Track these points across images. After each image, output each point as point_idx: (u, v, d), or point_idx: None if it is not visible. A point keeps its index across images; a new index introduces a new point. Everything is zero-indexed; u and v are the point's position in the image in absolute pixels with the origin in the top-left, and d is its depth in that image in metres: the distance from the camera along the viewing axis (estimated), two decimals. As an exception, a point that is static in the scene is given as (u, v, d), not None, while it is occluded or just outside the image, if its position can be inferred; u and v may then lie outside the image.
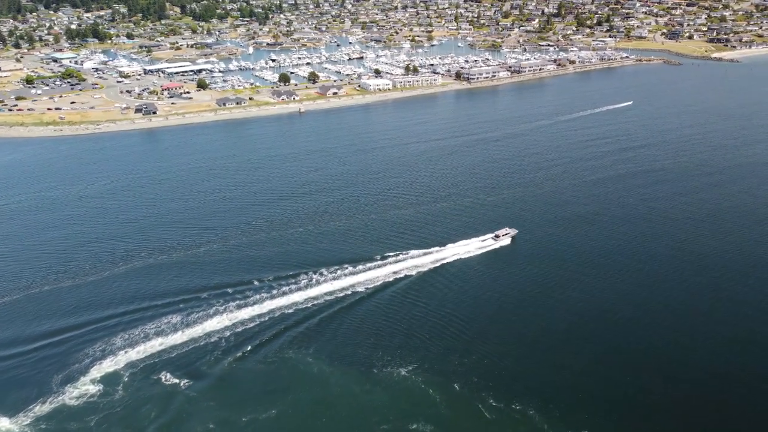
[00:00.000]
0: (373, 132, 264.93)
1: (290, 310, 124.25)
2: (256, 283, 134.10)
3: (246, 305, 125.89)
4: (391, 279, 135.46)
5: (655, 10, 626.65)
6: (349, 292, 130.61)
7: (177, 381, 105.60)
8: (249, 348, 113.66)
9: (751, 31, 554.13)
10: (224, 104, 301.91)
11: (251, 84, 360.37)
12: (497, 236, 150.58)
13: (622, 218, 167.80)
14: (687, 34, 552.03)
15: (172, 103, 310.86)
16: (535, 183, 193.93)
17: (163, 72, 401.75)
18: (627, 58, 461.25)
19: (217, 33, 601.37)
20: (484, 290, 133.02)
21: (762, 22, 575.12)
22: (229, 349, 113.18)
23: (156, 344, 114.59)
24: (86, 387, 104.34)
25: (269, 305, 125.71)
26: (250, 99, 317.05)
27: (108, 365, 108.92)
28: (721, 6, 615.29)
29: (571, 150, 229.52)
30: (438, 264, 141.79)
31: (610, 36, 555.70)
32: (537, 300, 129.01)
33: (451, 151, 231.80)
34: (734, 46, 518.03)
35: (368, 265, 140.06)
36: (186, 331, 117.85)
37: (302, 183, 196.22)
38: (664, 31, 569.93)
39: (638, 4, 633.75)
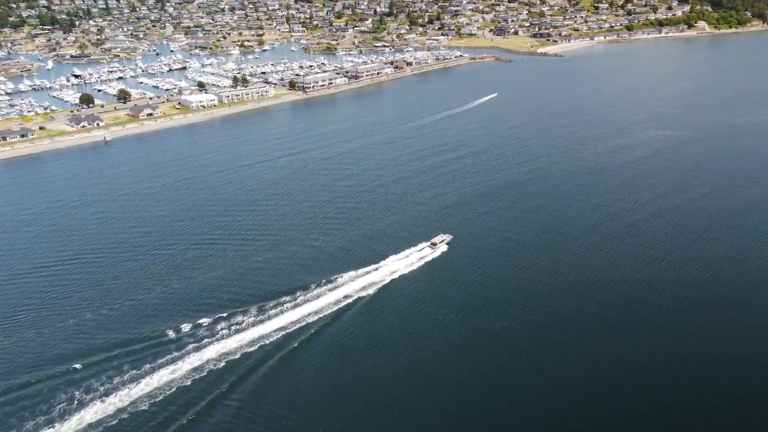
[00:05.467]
0: (199, 158, 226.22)
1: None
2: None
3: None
4: (332, 310, 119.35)
5: (481, 7, 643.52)
6: (281, 335, 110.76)
7: None
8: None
9: (567, 25, 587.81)
10: (4, 138, 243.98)
11: (45, 108, 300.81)
12: (434, 244, 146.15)
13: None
14: (512, 30, 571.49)
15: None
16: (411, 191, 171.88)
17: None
18: (461, 57, 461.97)
19: (9, 45, 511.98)
20: (438, 306, 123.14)
21: (575, 17, 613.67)
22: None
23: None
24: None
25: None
26: (41, 129, 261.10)
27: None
28: (539, 2, 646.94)
29: (411, 161, 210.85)
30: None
31: (442, 34, 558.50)
32: (496, 305, 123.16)
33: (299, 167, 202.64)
34: (555, 41, 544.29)
35: (297, 299, 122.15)
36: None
37: (108, 238, 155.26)
38: (492, 27, 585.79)
39: (465, 2, 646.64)
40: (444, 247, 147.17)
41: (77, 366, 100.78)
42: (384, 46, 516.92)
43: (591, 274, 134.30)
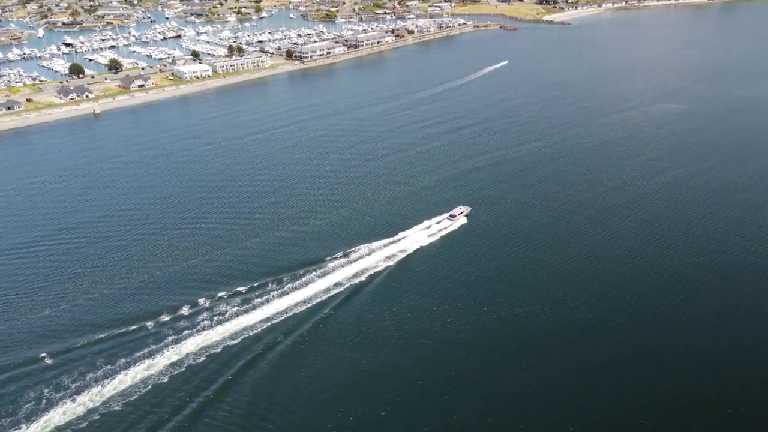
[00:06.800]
0: (191, 132, 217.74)
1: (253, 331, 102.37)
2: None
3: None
4: (356, 282, 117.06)
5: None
6: (314, 303, 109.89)
7: None
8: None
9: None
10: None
11: (34, 79, 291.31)
12: (452, 216, 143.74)
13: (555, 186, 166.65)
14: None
15: None
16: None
17: None
18: (465, 25, 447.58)
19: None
20: (459, 279, 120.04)
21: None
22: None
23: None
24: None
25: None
26: (28, 101, 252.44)
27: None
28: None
29: (404, 135, 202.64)
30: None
31: (445, 0, 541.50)
32: (518, 285, 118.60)
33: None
34: (562, 8, 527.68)
35: (327, 268, 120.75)
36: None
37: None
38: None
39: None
40: (463, 219, 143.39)
41: (48, 361, 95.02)
42: (385, 13, 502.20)
43: (610, 255, 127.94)
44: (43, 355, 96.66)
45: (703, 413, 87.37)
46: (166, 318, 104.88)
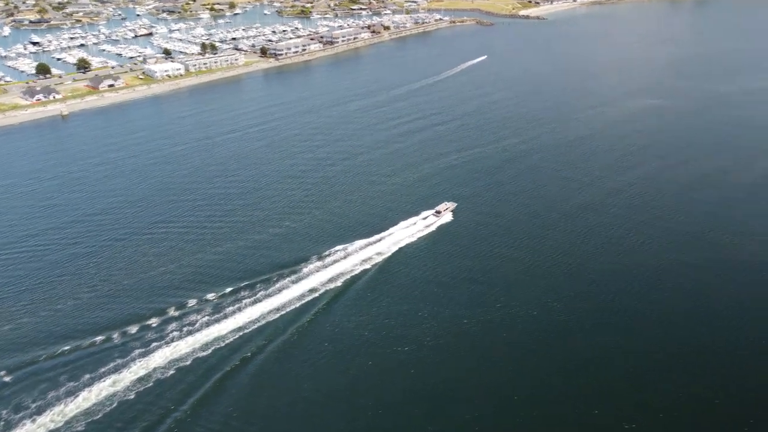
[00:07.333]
0: (163, 133, 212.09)
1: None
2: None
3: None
4: (332, 287, 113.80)
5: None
6: (289, 310, 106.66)
7: None
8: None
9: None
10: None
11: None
12: (438, 212, 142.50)
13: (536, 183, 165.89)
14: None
15: None
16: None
17: None
18: (441, 21, 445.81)
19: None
20: (438, 280, 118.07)
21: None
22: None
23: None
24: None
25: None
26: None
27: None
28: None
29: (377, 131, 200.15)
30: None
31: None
32: (506, 282, 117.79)
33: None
34: (538, 2, 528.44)
35: (302, 273, 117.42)
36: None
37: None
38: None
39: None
40: (449, 216, 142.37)
41: (6, 379, 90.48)
42: (361, 9, 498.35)
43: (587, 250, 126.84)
44: (2, 372, 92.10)
45: (689, 413, 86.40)
46: (133, 329, 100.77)
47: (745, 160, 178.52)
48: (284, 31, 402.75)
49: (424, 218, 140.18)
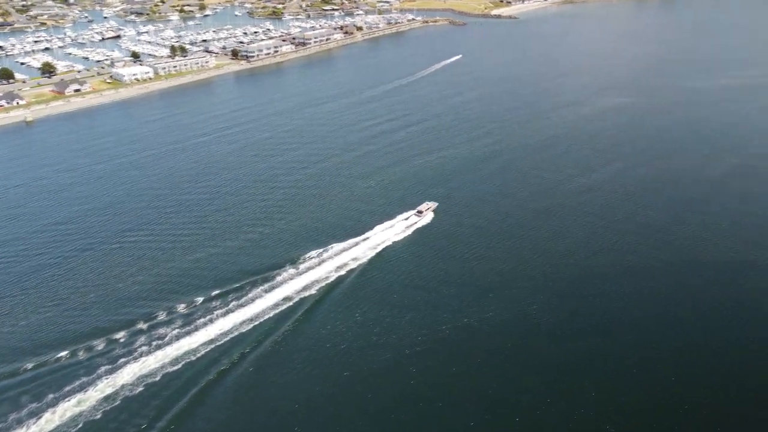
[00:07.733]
0: (132, 138, 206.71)
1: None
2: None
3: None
4: (308, 294, 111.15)
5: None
6: (264, 319, 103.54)
7: None
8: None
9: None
10: None
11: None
12: (420, 212, 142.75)
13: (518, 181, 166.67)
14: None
15: None
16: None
17: None
18: (414, 21, 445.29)
19: None
20: (419, 284, 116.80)
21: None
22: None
23: None
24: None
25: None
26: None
27: None
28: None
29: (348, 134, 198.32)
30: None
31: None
32: (489, 280, 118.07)
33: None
34: (509, 2, 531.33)
35: (284, 276, 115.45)
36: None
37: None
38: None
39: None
40: (430, 215, 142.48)
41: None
42: (333, 9, 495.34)
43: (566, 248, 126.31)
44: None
45: (670, 415, 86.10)
46: (100, 344, 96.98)
47: (713, 156, 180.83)
48: (256, 32, 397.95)
49: (406, 218, 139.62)
